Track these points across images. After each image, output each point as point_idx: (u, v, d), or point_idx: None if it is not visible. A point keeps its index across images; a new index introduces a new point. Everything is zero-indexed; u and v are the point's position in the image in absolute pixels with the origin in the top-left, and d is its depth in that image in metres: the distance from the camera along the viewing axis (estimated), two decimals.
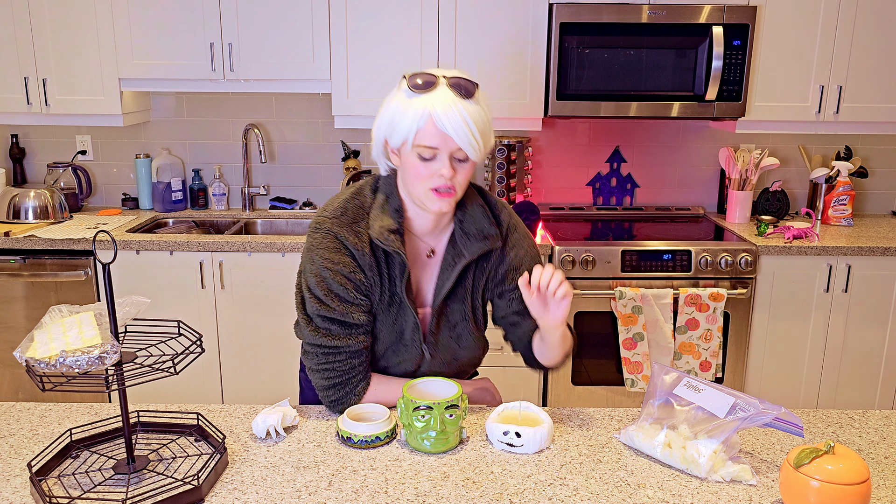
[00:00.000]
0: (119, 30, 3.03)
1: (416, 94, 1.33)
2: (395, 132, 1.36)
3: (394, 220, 1.43)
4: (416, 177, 1.37)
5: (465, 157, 1.36)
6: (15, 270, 2.99)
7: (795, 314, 3.03)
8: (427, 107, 1.32)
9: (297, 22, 3.02)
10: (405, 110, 1.34)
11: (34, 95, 3.11)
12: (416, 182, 1.38)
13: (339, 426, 1.44)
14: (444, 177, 1.35)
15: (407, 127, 1.33)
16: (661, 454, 1.37)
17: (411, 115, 1.32)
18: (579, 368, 3.03)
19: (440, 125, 1.31)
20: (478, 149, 1.35)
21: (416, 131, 1.33)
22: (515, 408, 1.49)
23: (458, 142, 1.32)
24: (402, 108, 1.34)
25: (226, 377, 3.10)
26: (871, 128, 3.16)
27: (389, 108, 1.38)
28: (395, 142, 1.37)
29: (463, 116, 1.31)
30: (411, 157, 1.36)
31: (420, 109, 1.32)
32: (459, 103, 1.32)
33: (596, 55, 2.96)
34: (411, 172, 1.38)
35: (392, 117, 1.36)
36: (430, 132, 1.32)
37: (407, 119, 1.33)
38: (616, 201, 3.56)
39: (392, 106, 1.37)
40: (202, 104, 3.46)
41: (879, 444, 1.46)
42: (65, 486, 1.27)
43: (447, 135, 1.32)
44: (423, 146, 1.33)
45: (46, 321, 1.29)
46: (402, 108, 1.34)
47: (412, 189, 1.41)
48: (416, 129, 1.33)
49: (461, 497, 1.26)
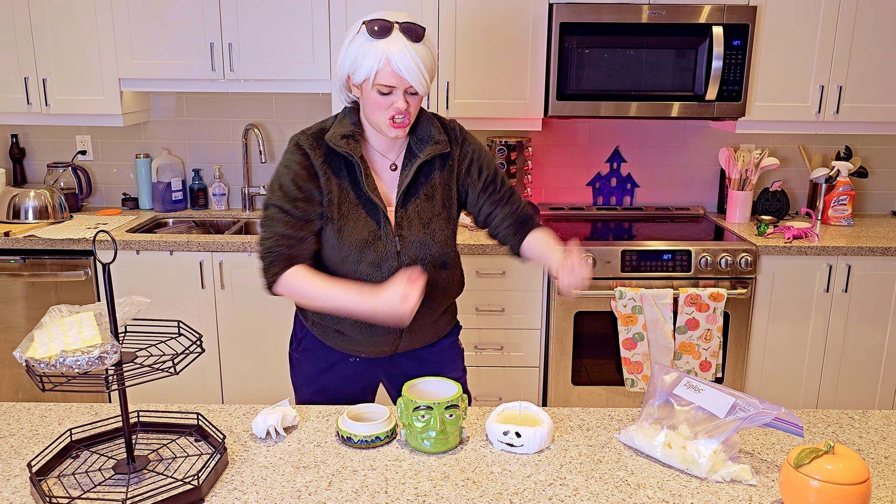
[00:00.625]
0: (119, 30, 3.03)
1: (374, 39, 1.55)
2: (357, 70, 1.58)
3: (347, 129, 1.66)
4: (376, 108, 1.60)
5: (415, 91, 1.59)
6: (15, 270, 2.99)
7: (795, 314, 3.03)
8: (384, 51, 1.54)
9: (297, 22, 3.02)
10: (366, 53, 1.55)
11: (34, 95, 3.11)
12: (376, 112, 1.60)
13: (339, 426, 1.44)
14: (399, 109, 1.59)
15: (368, 68, 1.55)
16: (661, 454, 1.37)
17: (371, 57, 1.54)
18: (579, 368, 3.03)
19: (395, 68, 1.54)
20: (426, 85, 1.59)
21: (375, 71, 1.55)
22: (515, 408, 1.49)
23: (410, 81, 1.55)
24: (363, 50, 1.56)
25: (226, 377, 3.10)
26: (870, 128, 3.16)
27: (352, 48, 1.58)
28: (357, 78, 1.59)
29: (414, 59, 1.53)
30: (371, 92, 1.58)
31: (379, 53, 1.54)
32: (411, 47, 1.54)
33: (596, 55, 2.96)
34: (371, 105, 1.60)
35: (355, 57, 1.57)
36: (387, 73, 1.55)
37: (368, 61, 1.55)
38: (616, 201, 3.56)
39: (354, 47, 1.58)
40: (202, 104, 3.46)
41: (879, 444, 1.46)
42: (65, 486, 1.27)
43: (402, 76, 1.55)
44: (382, 84, 1.56)
45: (46, 321, 1.29)
46: (364, 51, 1.55)
47: (372, 118, 1.63)
48: (375, 69, 1.54)
49: (461, 497, 1.26)
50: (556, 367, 3.01)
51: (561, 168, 3.51)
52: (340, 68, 1.63)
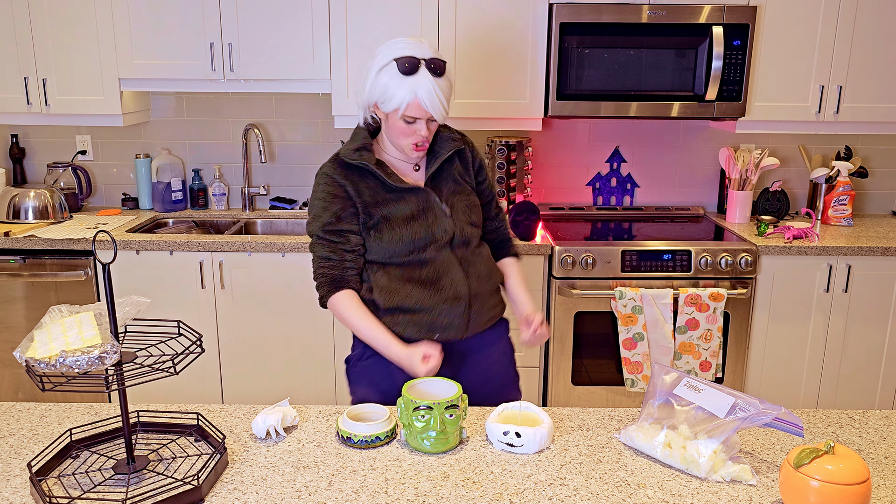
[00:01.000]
0: (119, 30, 3.03)
1: (404, 76, 1.69)
2: (386, 102, 1.73)
3: (358, 143, 1.81)
4: (401, 134, 1.76)
5: (435, 119, 1.77)
6: (15, 270, 2.99)
7: (795, 314, 3.03)
8: (413, 88, 1.69)
9: (297, 22, 3.02)
10: (397, 88, 1.70)
11: (34, 95, 3.11)
12: (400, 137, 1.77)
13: (339, 426, 1.44)
14: (422, 137, 1.76)
15: (398, 101, 1.70)
16: (661, 454, 1.37)
17: (401, 93, 1.70)
18: (579, 368, 3.03)
19: (423, 104, 1.70)
20: (446, 115, 1.76)
21: (406, 105, 1.71)
22: (515, 408, 1.49)
23: (433, 114, 1.73)
24: (394, 84, 1.70)
25: (226, 377, 3.10)
26: (871, 128, 3.16)
27: (381, 79, 1.72)
28: (386, 109, 1.74)
29: (437, 94, 1.70)
30: (398, 121, 1.74)
31: (408, 89, 1.69)
32: (435, 83, 1.71)
33: (596, 55, 2.96)
34: (396, 131, 1.76)
35: (385, 89, 1.72)
36: (415, 107, 1.71)
37: (398, 95, 1.70)
38: (616, 201, 3.56)
39: (384, 79, 1.72)
40: (202, 104, 3.46)
41: (879, 444, 1.46)
42: (65, 486, 1.27)
43: (426, 110, 1.72)
44: (409, 116, 1.72)
45: (46, 321, 1.29)
46: (395, 85, 1.70)
47: (396, 141, 1.79)
48: (406, 103, 1.70)
49: (461, 497, 1.26)
50: (556, 367, 3.01)
51: (561, 168, 3.51)
52: (369, 95, 1.76)
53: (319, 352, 3.06)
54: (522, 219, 2.96)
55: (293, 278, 2.98)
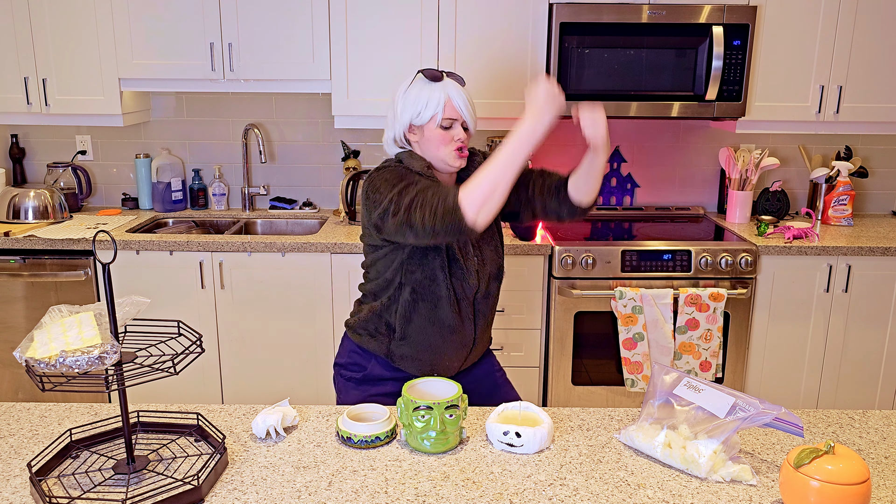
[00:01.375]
0: (119, 30, 3.03)
1: (433, 83, 1.75)
2: (422, 112, 1.75)
3: (424, 163, 1.79)
4: (440, 142, 1.76)
5: (467, 127, 1.79)
6: (15, 270, 2.99)
7: (795, 314, 3.03)
8: (444, 90, 1.75)
9: (297, 22, 3.02)
10: (430, 94, 1.74)
11: (34, 95, 3.11)
12: (441, 146, 1.76)
13: (339, 426, 1.44)
14: (461, 139, 1.76)
15: (434, 105, 1.74)
16: (661, 454, 1.37)
17: (435, 97, 1.74)
18: (579, 368, 3.03)
19: (456, 105, 1.75)
20: (475, 123, 1.81)
21: (443, 107, 1.74)
22: (515, 408, 1.49)
23: (465, 116, 1.76)
24: (426, 93, 1.74)
25: (226, 377, 3.10)
26: (870, 128, 3.16)
27: (411, 94, 1.76)
28: (423, 119, 1.75)
29: (465, 99, 1.76)
30: (436, 130, 1.75)
31: (440, 93, 1.74)
32: (462, 90, 1.77)
33: (596, 55, 2.96)
34: (436, 141, 1.76)
35: (416, 100, 1.75)
36: (450, 108, 1.75)
37: (433, 98, 1.74)
38: (616, 201, 3.56)
39: (414, 92, 1.76)
40: (202, 104, 3.46)
41: (879, 444, 1.46)
42: (65, 486, 1.27)
43: (460, 111, 1.76)
44: (447, 118, 1.74)
45: (46, 321, 1.29)
46: (427, 93, 1.74)
47: (438, 153, 1.77)
48: (442, 104, 1.74)
49: (461, 497, 1.26)
50: (556, 367, 3.01)
51: (561, 168, 3.49)
52: (401, 117, 1.77)
53: (319, 352, 3.06)
54: None
55: (293, 278, 2.98)
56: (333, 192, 3.55)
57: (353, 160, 3.42)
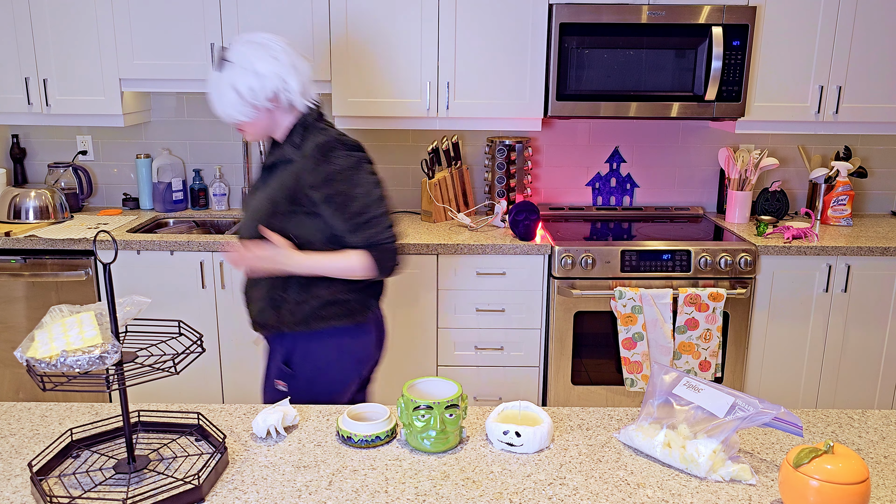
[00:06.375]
0: (120, 30, 3.03)
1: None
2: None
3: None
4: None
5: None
6: (16, 270, 3.00)
7: (795, 314, 3.03)
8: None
9: (296, 22, 3.02)
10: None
11: (35, 95, 3.11)
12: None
13: (340, 426, 1.45)
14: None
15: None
16: (660, 454, 1.37)
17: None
18: (579, 368, 3.03)
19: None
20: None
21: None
22: (515, 407, 1.50)
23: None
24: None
25: (226, 377, 3.10)
26: (870, 128, 3.16)
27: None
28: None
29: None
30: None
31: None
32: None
33: (596, 55, 2.96)
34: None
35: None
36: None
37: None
38: (616, 201, 3.56)
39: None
40: (202, 104, 3.46)
41: (879, 444, 1.46)
42: (65, 485, 1.27)
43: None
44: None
45: (47, 321, 1.29)
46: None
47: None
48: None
49: (461, 497, 1.26)
50: (556, 367, 3.01)
51: (561, 168, 3.51)
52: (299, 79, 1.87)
53: None
54: (522, 219, 2.96)
55: None
56: None
57: None
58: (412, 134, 3.47)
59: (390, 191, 3.54)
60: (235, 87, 1.80)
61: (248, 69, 1.79)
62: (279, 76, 1.81)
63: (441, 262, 2.96)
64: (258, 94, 1.80)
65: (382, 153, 3.49)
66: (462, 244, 2.91)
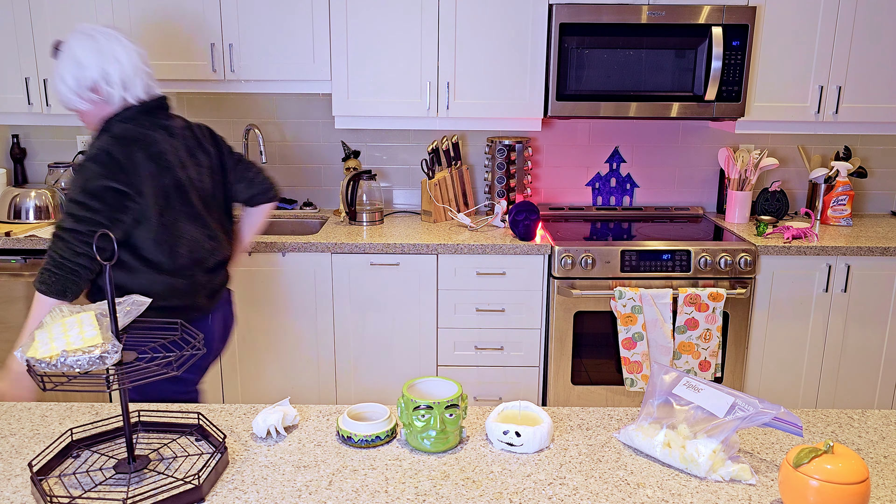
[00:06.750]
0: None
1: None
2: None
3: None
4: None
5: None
6: (16, 270, 2.99)
7: (795, 314, 3.03)
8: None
9: (297, 22, 3.02)
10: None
11: (35, 96, 3.11)
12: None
13: (340, 425, 1.45)
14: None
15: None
16: (660, 454, 1.37)
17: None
18: (579, 368, 3.03)
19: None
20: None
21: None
22: (515, 407, 1.50)
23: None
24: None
25: (226, 377, 3.10)
26: (870, 128, 3.16)
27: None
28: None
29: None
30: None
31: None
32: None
33: (596, 55, 2.96)
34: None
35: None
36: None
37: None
38: (616, 201, 3.56)
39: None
40: (203, 104, 3.46)
41: (879, 444, 1.46)
42: (65, 485, 1.27)
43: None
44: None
45: (47, 321, 1.29)
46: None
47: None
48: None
49: (461, 496, 1.26)
50: (556, 367, 3.02)
51: (561, 168, 3.51)
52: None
53: (319, 352, 3.06)
54: (522, 219, 2.96)
55: (293, 278, 2.98)
56: (334, 192, 3.55)
57: (354, 160, 3.42)
58: (412, 134, 3.47)
59: (391, 191, 3.54)
60: (62, 76, 1.84)
61: (72, 59, 1.82)
62: (100, 67, 1.83)
63: (441, 262, 2.96)
64: (81, 84, 1.84)
65: (382, 153, 3.50)
66: (462, 244, 2.92)
